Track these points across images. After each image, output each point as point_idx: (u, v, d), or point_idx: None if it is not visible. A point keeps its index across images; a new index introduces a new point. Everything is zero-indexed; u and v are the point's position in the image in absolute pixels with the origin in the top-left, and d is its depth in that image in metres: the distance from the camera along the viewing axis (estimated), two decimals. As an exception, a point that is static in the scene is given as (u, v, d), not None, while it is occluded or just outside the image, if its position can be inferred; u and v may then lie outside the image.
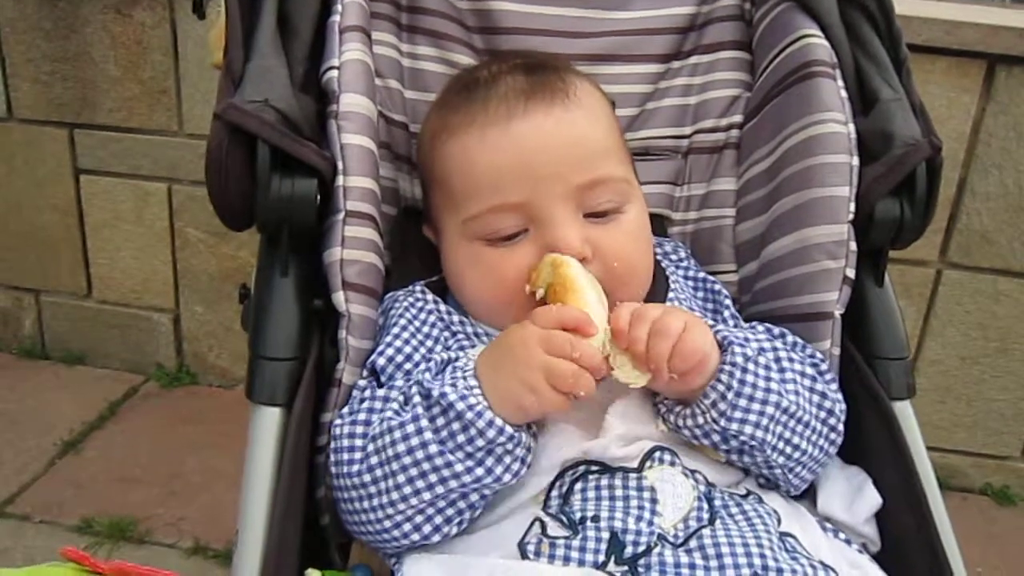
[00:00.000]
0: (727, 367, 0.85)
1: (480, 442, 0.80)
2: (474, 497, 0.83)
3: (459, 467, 0.80)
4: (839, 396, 0.94)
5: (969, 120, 2.16)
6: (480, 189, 0.93)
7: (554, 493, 0.85)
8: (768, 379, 0.86)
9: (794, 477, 0.92)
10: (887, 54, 1.05)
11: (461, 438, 0.80)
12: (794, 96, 1.05)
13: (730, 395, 0.84)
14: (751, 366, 0.85)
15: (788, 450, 0.88)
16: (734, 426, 0.85)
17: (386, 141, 1.12)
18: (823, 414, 0.91)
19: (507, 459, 0.81)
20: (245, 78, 0.91)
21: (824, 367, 0.95)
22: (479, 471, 0.80)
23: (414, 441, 0.81)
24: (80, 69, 2.43)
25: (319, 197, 0.92)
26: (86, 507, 2.10)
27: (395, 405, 0.85)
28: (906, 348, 1.02)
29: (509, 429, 0.80)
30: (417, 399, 0.83)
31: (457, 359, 0.87)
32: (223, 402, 2.59)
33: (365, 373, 0.93)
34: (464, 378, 0.82)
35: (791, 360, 0.92)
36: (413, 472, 0.81)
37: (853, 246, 1.00)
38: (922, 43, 2.04)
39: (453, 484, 0.81)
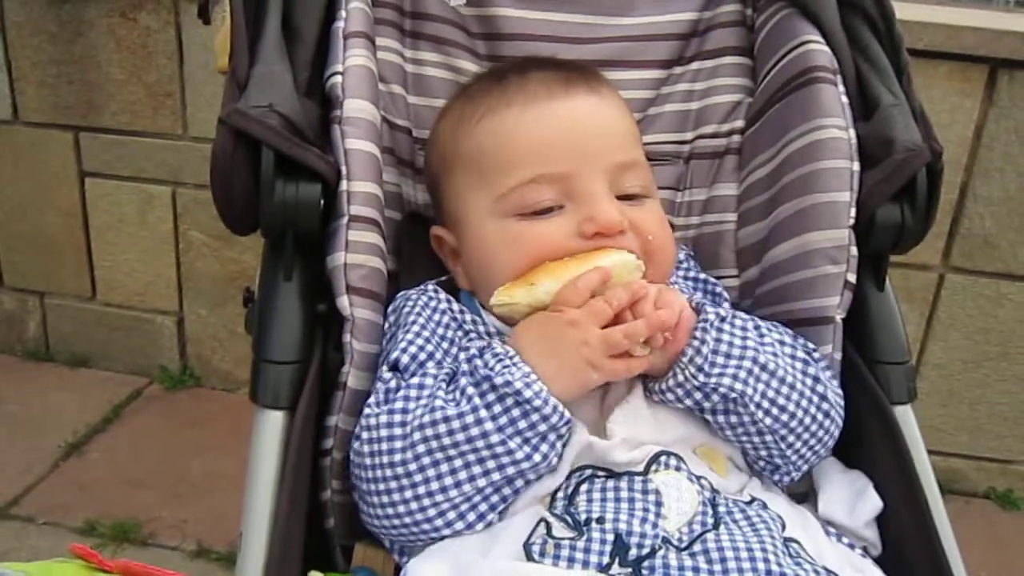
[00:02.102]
0: (700, 324, 0.89)
1: (542, 427, 0.82)
2: (520, 483, 0.84)
3: (519, 453, 0.82)
4: (839, 392, 0.95)
5: (971, 125, 2.17)
6: (520, 160, 0.94)
7: (560, 494, 0.86)
8: (745, 337, 0.89)
9: (791, 451, 0.92)
10: (888, 60, 1.05)
11: (522, 424, 0.81)
12: (795, 102, 1.06)
13: (705, 349, 0.88)
14: (726, 326, 0.90)
15: (775, 411, 0.89)
16: (712, 379, 0.87)
17: (389, 146, 1.12)
18: (815, 392, 0.92)
19: (558, 444, 0.84)
20: (250, 83, 0.91)
21: (817, 355, 0.96)
22: (536, 456, 0.82)
23: (474, 431, 0.81)
24: (85, 72, 2.44)
25: (323, 202, 0.93)
26: (90, 509, 2.11)
27: (441, 393, 0.85)
28: (907, 352, 1.03)
29: (567, 413, 0.83)
30: (470, 388, 0.83)
31: (491, 347, 0.87)
32: (227, 405, 2.59)
33: (386, 368, 0.93)
34: (516, 365, 0.84)
35: (770, 331, 0.94)
36: (471, 458, 0.82)
37: (854, 251, 1.00)
38: (924, 48, 2.05)
39: (510, 470, 0.82)
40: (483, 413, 0.82)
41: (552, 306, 0.88)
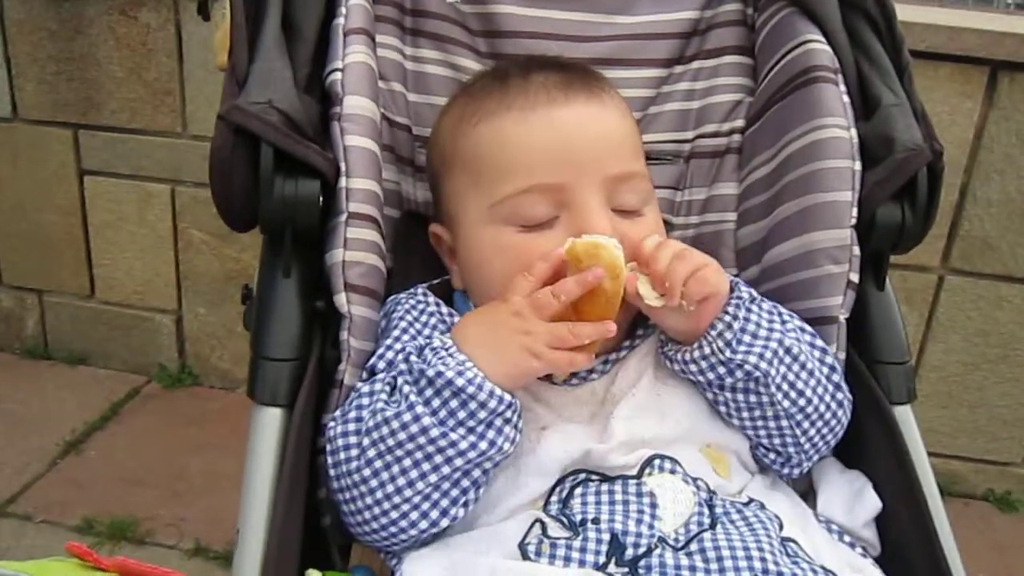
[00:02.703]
0: (734, 300, 0.91)
1: (482, 414, 0.81)
2: (476, 473, 0.84)
3: (463, 444, 0.81)
4: (847, 388, 0.96)
5: (972, 126, 2.16)
6: (515, 169, 0.93)
7: (554, 498, 0.86)
8: (771, 320, 0.93)
9: (804, 438, 0.93)
10: (889, 59, 1.05)
11: (462, 414, 0.81)
12: (796, 101, 1.06)
13: (736, 324, 0.89)
14: (755, 307, 0.93)
15: (793, 395, 0.91)
16: (739, 356, 0.89)
17: (389, 144, 1.12)
18: (830, 381, 0.94)
19: (506, 428, 0.83)
20: (249, 80, 0.91)
21: (829, 355, 0.97)
22: (482, 444, 0.82)
23: (413, 428, 0.81)
24: (85, 70, 2.44)
25: (322, 199, 0.93)
26: (88, 507, 2.10)
27: (384, 396, 0.85)
28: (907, 352, 1.03)
29: (508, 397, 0.82)
30: (406, 386, 0.83)
31: (430, 342, 0.87)
32: (225, 404, 2.59)
33: (364, 375, 0.93)
34: (451, 355, 0.83)
35: (791, 318, 0.97)
36: (418, 456, 0.82)
37: (856, 250, 1.00)
38: (925, 49, 2.04)
39: (458, 462, 0.82)
40: (420, 409, 0.81)
41: (504, 294, 0.88)
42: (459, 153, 0.99)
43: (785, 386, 0.90)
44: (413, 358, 0.85)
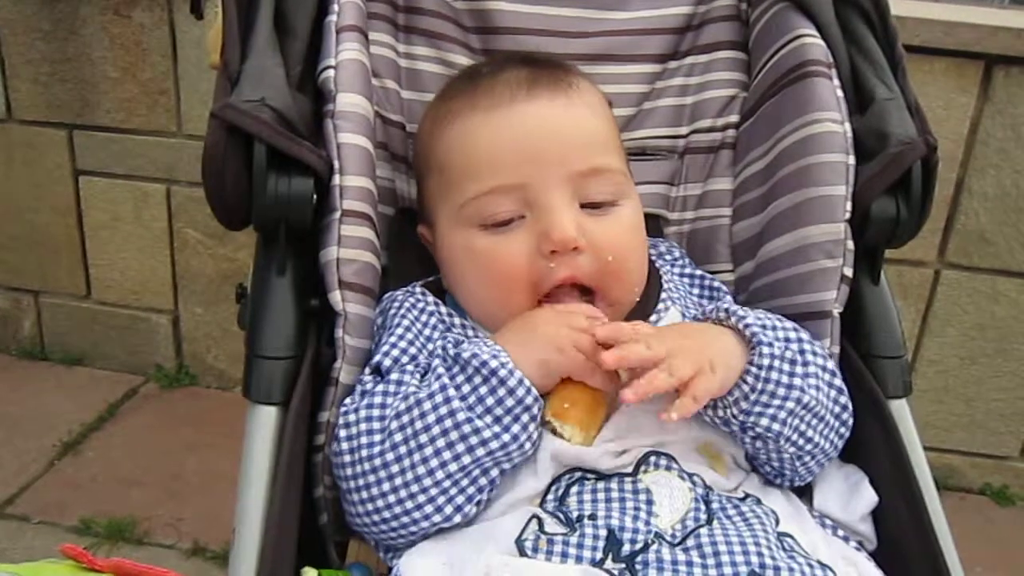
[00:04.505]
0: (754, 369, 0.86)
1: (510, 402, 0.82)
2: (494, 472, 0.84)
3: (487, 432, 0.81)
4: (851, 407, 0.95)
5: (967, 121, 2.17)
6: (479, 170, 0.93)
7: (550, 496, 0.85)
8: (792, 375, 0.87)
9: (801, 466, 0.93)
10: (883, 53, 1.05)
11: (490, 400, 0.81)
12: (790, 96, 1.06)
13: (753, 396, 0.86)
14: (776, 363, 0.86)
15: (800, 442, 0.90)
16: (751, 419, 0.87)
17: (383, 141, 1.12)
18: (837, 408, 0.93)
19: (530, 426, 0.83)
20: (242, 77, 0.91)
21: (844, 395, 0.95)
22: (505, 436, 0.82)
23: (443, 410, 0.82)
24: (79, 70, 2.43)
25: (315, 196, 0.92)
26: (85, 508, 2.10)
27: (415, 382, 0.86)
28: (902, 347, 1.02)
29: (535, 390, 0.83)
30: (441, 367, 0.85)
31: (469, 337, 0.89)
32: (222, 403, 2.59)
33: (368, 371, 0.93)
34: (485, 343, 0.85)
35: (814, 354, 0.92)
36: (440, 443, 0.82)
37: (850, 245, 1.00)
38: (919, 44, 2.05)
39: (480, 452, 0.82)
40: (451, 392, 0.82)
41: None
42: (433, 155, 1.00)
43: (795, 436, 0.89)
44: (451, 347, 0.87)
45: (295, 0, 0.99)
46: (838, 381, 0.93)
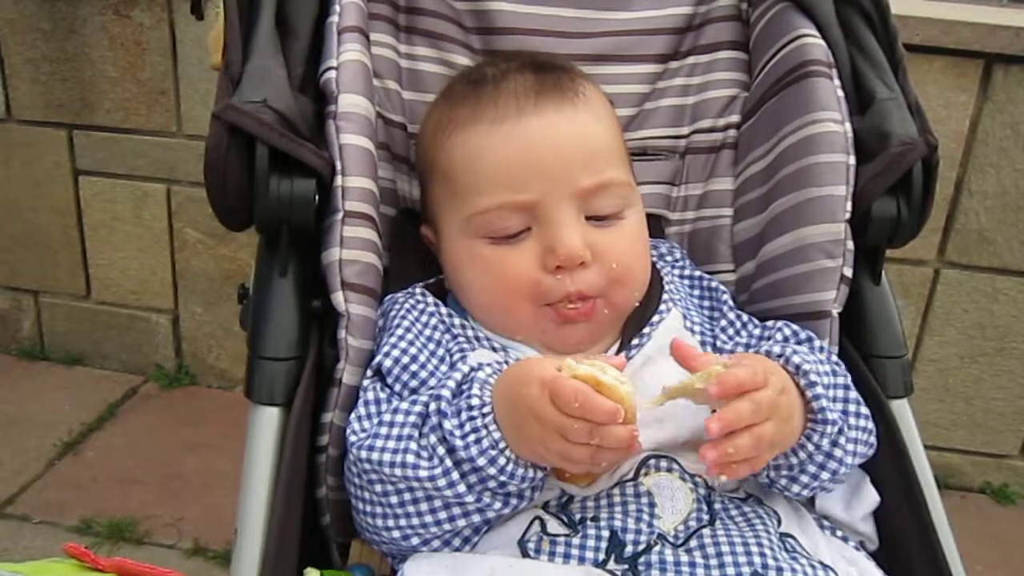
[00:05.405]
0: (810, 446, 0.83)
1: (512, 487, 0.81)
2: (493, 518, 0.85)
3: (496, 504, 0.81)
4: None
5: (966, 119, 2.17)
6: (487, 185, 0.93)
7: (552, 501, 0.86)
8: (835, 442, 0.84)
9: (817, 487, 0.90)
10: (883, 53, 1.05)
11: (493, 484, 0.80)
12: (791, 96, 1.06)
13: (798, 467, 0.85)
14: (828, 428, 0.83)
15: (829, 485, 0.89)
16: (781, 483, 0.87)
17: (384, 142, 1.12)
18: (865, 434, 0.89)
19: (529, 492, 0.83)
20: (243, 79, 0.91)
21: (873, 435, 0.92)
22: (513, 501, 0.82)
23: (447, 492, 0.79)
24: (79, 70, 2.43)
25: (317, 197, 0.92)
26: (85, 508, 2.10)
27: (413, 446, 0.81)
28: (903, 346, 1.03)
29: (540, 474, 0.81)
30: (440, 449, 0.79)
31: (470, 387, 0.82)
32: (222, 403, 2.59)
33: (369, 374, 0.93)
34: (486, 428, 0.78)
35: (859, 403, 0.89)
36: (442, 514, 0.82)
37: (850, 245, 1.00)
38: (919, 43, 2.05)
39: (476, 519, 0.82)
40: (455, 476, 0.79)
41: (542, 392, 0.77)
42: (437, 164, 0.99)
43: (818, 485, 0.88)
44: (446, 423, 0.79)
45: (296, 1, 0.99)
46: (864, 409, 0.90)
